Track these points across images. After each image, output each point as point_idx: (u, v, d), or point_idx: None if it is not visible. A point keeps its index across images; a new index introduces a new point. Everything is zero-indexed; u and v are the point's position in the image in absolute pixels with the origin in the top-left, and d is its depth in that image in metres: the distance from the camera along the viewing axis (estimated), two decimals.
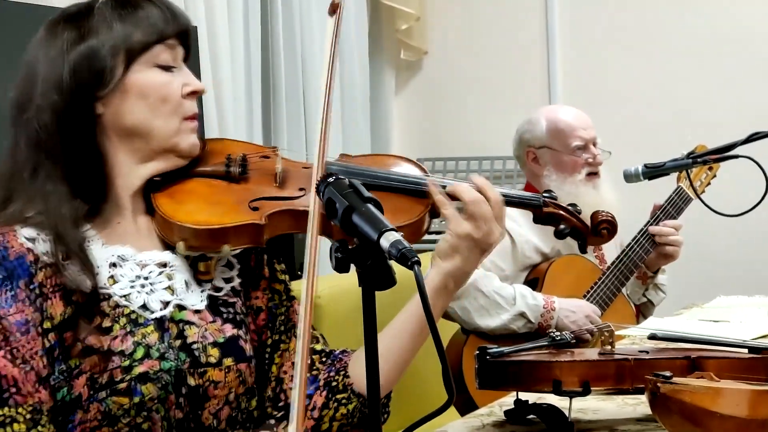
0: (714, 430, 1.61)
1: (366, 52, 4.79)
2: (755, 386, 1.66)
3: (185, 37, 1.61)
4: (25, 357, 1.44)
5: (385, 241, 1.21)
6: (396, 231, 1.22)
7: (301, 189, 1.62)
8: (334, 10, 1.65)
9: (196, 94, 1.61)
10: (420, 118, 5.04)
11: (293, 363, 1.65)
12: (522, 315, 2.93)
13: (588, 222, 1.79)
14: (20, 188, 1.52)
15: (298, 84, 4.31)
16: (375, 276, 1.24)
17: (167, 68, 1.57)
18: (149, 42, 1.55)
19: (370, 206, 1.27)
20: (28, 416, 1.42)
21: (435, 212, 1.68)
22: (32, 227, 1.50)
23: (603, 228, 1.78)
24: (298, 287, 3.05)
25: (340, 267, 1.26)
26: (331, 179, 1.34)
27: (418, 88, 5.07)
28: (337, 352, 1.71)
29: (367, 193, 1.30)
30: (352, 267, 1.28)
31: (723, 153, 2.53)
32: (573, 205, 1.79)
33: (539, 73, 4.79)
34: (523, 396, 1.88)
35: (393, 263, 1.22)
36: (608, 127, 3.53)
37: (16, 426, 1.40)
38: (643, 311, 3.33)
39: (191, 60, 1.64)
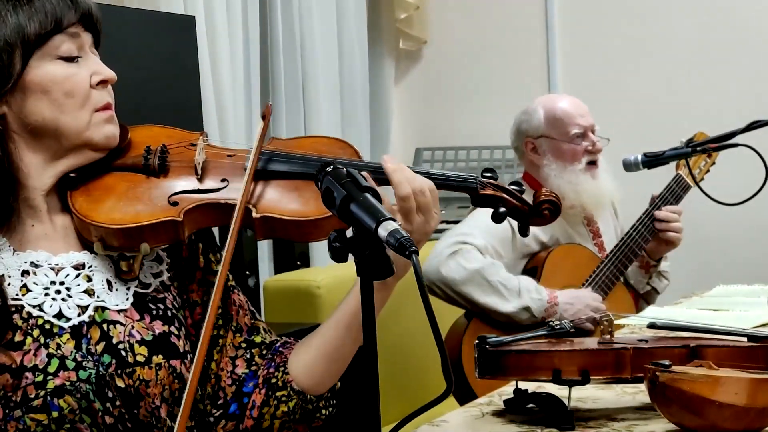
0: (713, 419, 1.61)
1: (365, 41, 4.77)
2: (754, 375, 1.66)
3: (90, 21, 1.47)
4: None
5: (383, 231, 1.21)
6: (394, 220, 1.22)
7: (223, 180, 1.53)
8: (264, 115, 1.56)
9: (107, 83, 1.49)
10: (420, 108, 5.03)
11: (230, 358, 1.58)
12: (526, 309, 2.94)
13: (531, 200, 1.64)
14: None
15: (297, 72, 4.30)
16: (373, 265, 1.24)
17: (71, 59, 1.45)
18: (46, 33, 1.42)
19: (368, 195, 1.27)
20: None
21: None
22: None
23: (545, 208, 1.63)
24: (295, 276, 3.06)
25: (338, 257, 1.26)
26: (329, 168, 1.34)
27: (418, 77, 5.05)
28: (278, 344, 1.62)
29: (365, 183, 1.30)
30: (351, 257, 1.28)
31: (723, 141, 2.53)
32: (517, 183, 1.64)
33: (539, 62, 4.78)
34: (523, 385, 1.88)
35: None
36: (608, 116, 3.52)
37: None
38: (647, 299, 3.33)
39: (190, 50, 1.57)
